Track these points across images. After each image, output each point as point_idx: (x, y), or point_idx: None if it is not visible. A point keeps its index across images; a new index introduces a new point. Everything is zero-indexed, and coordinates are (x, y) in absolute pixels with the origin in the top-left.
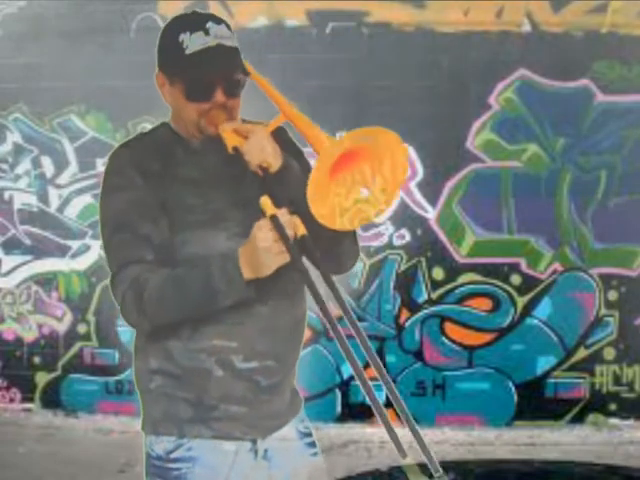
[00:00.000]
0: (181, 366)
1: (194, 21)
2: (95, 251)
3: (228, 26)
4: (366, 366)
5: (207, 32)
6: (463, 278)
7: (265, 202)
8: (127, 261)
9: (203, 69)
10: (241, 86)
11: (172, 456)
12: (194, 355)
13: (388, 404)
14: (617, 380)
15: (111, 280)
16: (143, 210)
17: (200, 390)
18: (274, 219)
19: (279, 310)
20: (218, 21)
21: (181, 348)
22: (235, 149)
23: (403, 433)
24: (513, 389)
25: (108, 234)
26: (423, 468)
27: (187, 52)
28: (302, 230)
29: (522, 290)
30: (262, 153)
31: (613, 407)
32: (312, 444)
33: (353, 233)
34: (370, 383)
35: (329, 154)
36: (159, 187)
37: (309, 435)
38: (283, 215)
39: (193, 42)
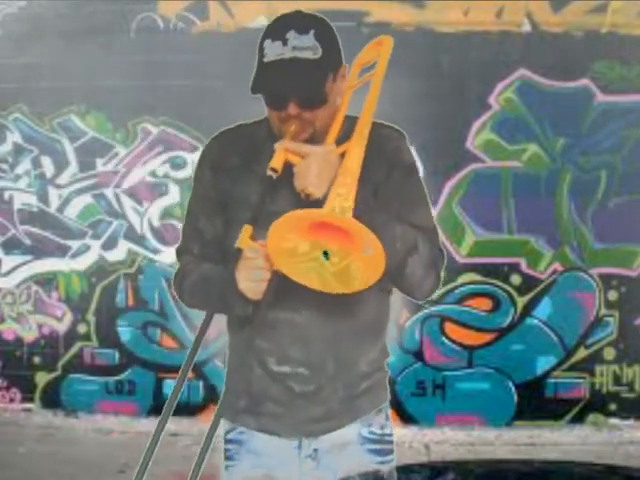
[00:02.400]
0: (235, 357)
1: (279, 27)
2: (95, 251)
3: (319, 34)
4: None
5: (285, 42)
6: (463, 278)
7: (244, 231)
8: (183, 249)
9: (275, 81)
10: (320, 99)
11: (227, 437)
12: (242, 349)
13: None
14: (617, 380)
15: (176, 257)
16: (204, 205)
17: (247, 384)
18: (238, 252)
19: (314, 320)
20: (303, 30)
21: (235, 339)
22: (273, 169)
23: (403, 433)
24: (513, 389)
25: (185, 218)
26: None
27: (265, 60)
28: (276, 265)
29: (522, 290)
30: (304, 180)
31: (613, 407)
32: (378, 451)
33: (425, 266)
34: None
35: (326, 215)
36: (229, 182)
37: (375, 442)
38: (260, 248)
39: (271, 51)
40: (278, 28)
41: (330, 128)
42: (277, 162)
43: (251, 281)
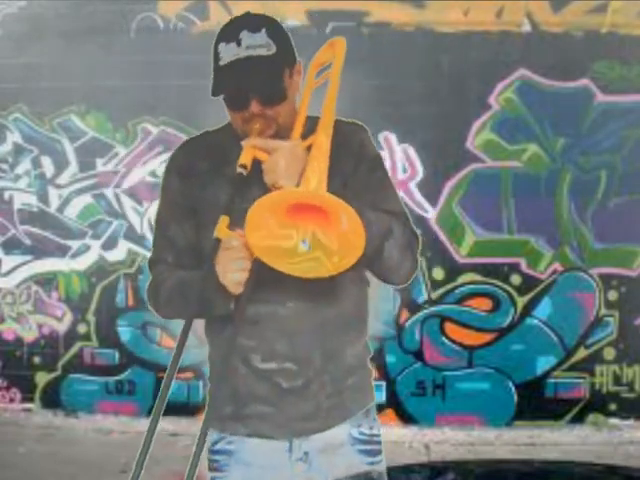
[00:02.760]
0: (217, 363)
1: (231, 30)
2: (95, 251)
3: (271, 31)
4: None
5: (239, 43)
6: (463, 278)
7: (221, 221)
8: (156, 260)
9: (234, 81)
10: (280, 95)
11: (215, 448)
12: (224, 352)
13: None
14: (617, 380)
15: (148, 269)
16: (173, 212)
17: (232, 388)
18: (216, 242)
19: (300, 313)
20: (255, 28)
21: (214, 341)
22: (242, 166)
23: (403, 433)
24: (513, 389)
25: (154, 229)
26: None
27: (221, 63)
28: (256, 253)
29: (522, 290)
30: (274, 175)
31: (613, 407)
32: (368, 452)
33: (402, 249)
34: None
35: (300, 194)
36: (197, 187)
37: (365, 442)
38: (239, 237)
39: (226, 53)
40: (230, 30)
41: (294, 125)
42: (246, 158)
43: (233, 272)
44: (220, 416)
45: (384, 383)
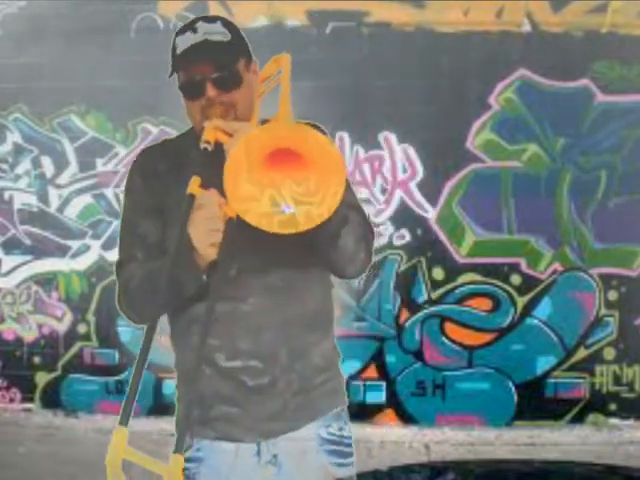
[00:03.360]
0: (181, 364)
1: (188, 24)
2: (95, 251)
3: (226, 23)
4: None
5: (195, 31)
6: (463, 278)
7: (193, 181)
8: (125, 260)
9: (189, 65)
10: (236, 80)
11: (186, 455)
12: (187, 353)
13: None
14: (617, 380)
15: (115, 274)
16: (140, 211)
17: (197, 390)
18: (190, 198)
19: (263, 309)
20: (211, 20)
21: (179, 346)
22: (206, 142)
23: (403, 433)
24: (513, 389)
25: (119, 234)
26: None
27: (177, 52)
28: (231, 212)
29: (522, 290)
30: None
31: (613, 407)
32: (337, 453)
33: (357, 238)
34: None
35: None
36: (160, 187)
37: (334, 443)
38: (212, 195)
39: (182, 42)
40: (187, 24)
41: (251, 115)
42: (209, 136)
43: (206, 232)
44: (188, 421)
45: (384, 383)
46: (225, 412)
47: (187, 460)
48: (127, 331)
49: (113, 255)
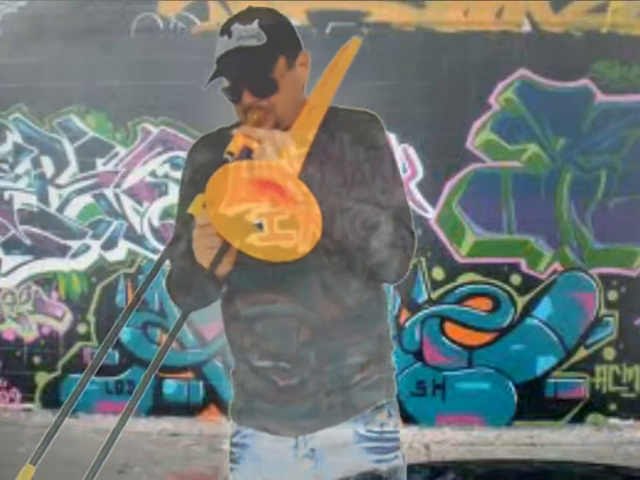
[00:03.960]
0: (232, 357)
1: (227, 23)
2: (95, 251)
3: (264, 22)
4: None
5: (230, 35)
6: (463, 278)
7: (196, 201)
8: (175, 239)
9: (225, 74)
10: (272, 86)
11: (233, 440)
12: (232, 348)
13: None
14: (617, 380)
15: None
16: (185, 204)
17: (240, 383)
18: (189, 217)
19: (290, 312)
20: (248, 20)
21: (227, 340)
22: (229, 153)
23: (403, 433)
24: (513, 389)
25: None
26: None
27: (216, 56)
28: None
29: (522, 290)
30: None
31: (613, 407)
32: (376, 449)
33: (389, 244)
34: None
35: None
36: (205, 181)
37: (373, 439)
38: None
39: (219, 46)
40: (226, 24)
41: (297, 115)
42: (234, 147)
43: (204, 249)
44: (235, 408)
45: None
46: (262, 407)
47: (234, 445)
48: (127, 331)
49: (113, 255)
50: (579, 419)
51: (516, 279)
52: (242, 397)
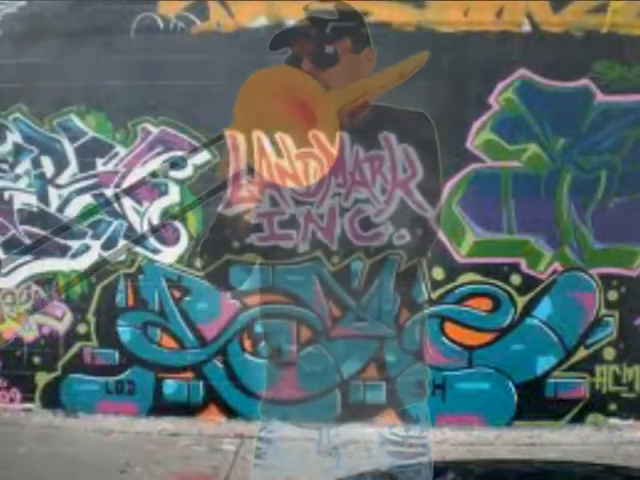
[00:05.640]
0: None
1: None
2: (95, 251)
3: (343, 7)
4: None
5: (306, 8)
6: (463, 278)
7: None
8: None
9: (290, 40)
10: (331, 58)
11: (260, 435)
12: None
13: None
14: (617, 380)
15: None
16: None
17: (268, 374)
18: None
19: (319, 312)
20: (325, 1)
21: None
22: None
23: None
24: (513, 389)
25: None
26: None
27: (287, 23)
28: None
29: (522, 290)
30: None
31: (613, 407)
32: (398, 454)
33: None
34: None
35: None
36: None
37: (397, 443)
38: None
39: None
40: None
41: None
42: None
43: None
44: (264, 400)
45: (384, 383)
46: (289, 396)
47: (260, 440)
48: (127, 331)
49: (113, 255)
50: (579, 419)
51: (516, 279)
52: (269, 388)
